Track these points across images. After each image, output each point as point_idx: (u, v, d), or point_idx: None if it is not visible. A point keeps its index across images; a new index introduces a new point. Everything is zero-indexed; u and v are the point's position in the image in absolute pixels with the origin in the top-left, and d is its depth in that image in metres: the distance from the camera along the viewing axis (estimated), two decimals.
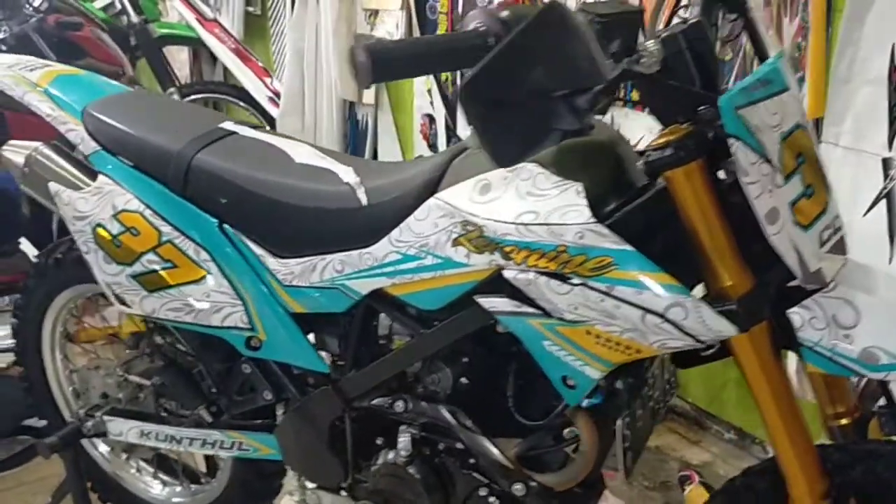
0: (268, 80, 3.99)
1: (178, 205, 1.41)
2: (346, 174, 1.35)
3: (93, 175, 1.50)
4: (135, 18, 3.97)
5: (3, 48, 2.66)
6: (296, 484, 1.57)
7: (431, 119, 3.23)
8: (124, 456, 2.03)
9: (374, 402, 1.39)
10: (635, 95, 2.47)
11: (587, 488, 1.32)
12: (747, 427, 2.40)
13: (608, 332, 1.05)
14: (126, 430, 1.72)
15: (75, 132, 1.49)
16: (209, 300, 1.41)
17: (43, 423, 2.33)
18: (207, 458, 2.02)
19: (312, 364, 1.41)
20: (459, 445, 1.33)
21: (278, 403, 1.49)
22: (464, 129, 3.01)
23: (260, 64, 4.04)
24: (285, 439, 1.49)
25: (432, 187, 1.22)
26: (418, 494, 1.36)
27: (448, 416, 1.32)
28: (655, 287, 1.00)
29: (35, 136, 2.73)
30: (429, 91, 3.18)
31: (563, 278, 1.06)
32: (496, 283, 1.15)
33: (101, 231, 1.44)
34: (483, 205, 1.13)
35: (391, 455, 1.38)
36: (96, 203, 1.44)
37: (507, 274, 1.12)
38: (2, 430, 2.24)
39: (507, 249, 1.10)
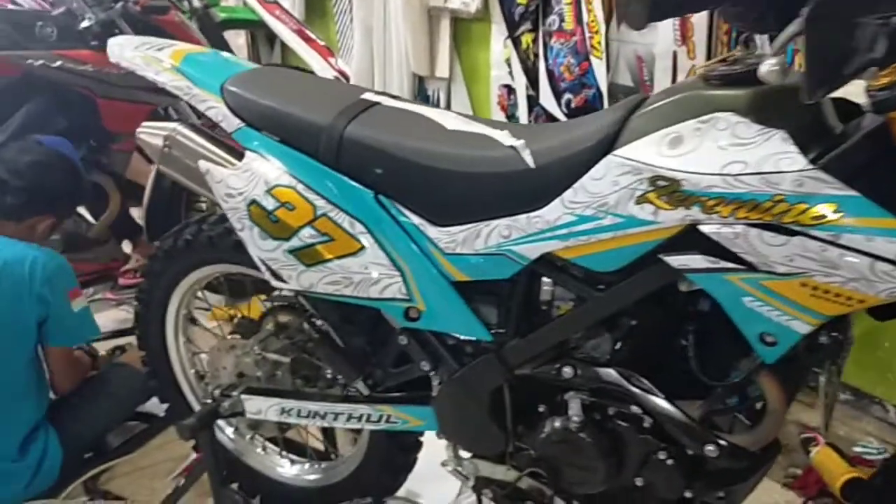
0: (332, 60, 3.95)
1: (331, 178, 1.39)
2: (505, 138, 1.33)
3: (237, 153, 1.49)
4: (197, 3, 3.94)
5: (89, 37, 2.66)
6: (449, 454, 1.55)
7: (510, 90, 3.18)
8: (249, 435, 2.04)
9: (539, 368, 1.37)
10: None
11: (765, 449, 1.29)
12: (865, 387, 2.35)
13: (827, 283, 1.02)
14: (265, 407, 1.72)
15: (216, 109, 1.48)
16: (367, 272, 1.39)
17: (160, 407, 2.37)
18: (325, 435, 2.02)
19: (475, 332, 1.39)
20: (634, 409, 1.31)
21: (434, 373, 1.48)
22: (546, 99, 2.97)
23: (323, 44, 4.01)
24: (443, 409, 1.48)
25: (608, 145, 1.19)
26: (592, 460, 1.34)
27: (623, 379, 1.30)
28: (887, 233, 0.97)
29: (128, 122, 2.76)
30: (507, 61, 3.14)
31: (777, 229, 1.02)
32: (686, 240, 1.12)
33: (255, 208, 1.42)
34: (677, 158, 1.10)
35: (558, 422, 1.36)
36: (248, 179, 1.43)
37: (706, 229, 1.09)
38: (117, 417, 2.26)
39: (711, 203, 1.06)
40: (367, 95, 1.49)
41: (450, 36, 3.33)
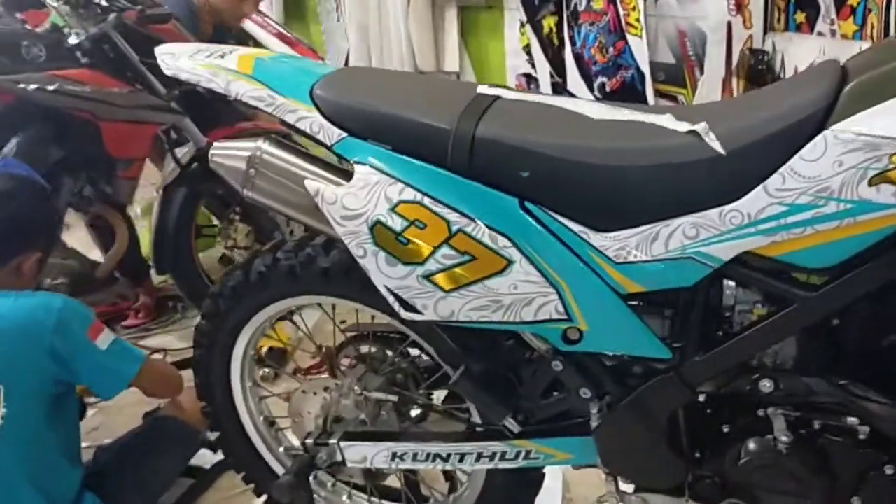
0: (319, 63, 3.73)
1: (464, 187, 1.19)
2: (674, 123, 1.14)
3: (339, 169, 1.28)
4: None
5: (80, 53, 2.38)
6: (609, 488, 1.37)
7: (529, 78, 3.00)
8: (330, 483, 1.82)
9: (729, 385, 1.19)
10: (800, 17, 2.29)
11: None
12: None
13: None
14: (372, 454, 1.51)
15: (310, 119, 1.26)
16: (517, 293, 1.20)
17: (205, 458, 2.13)
18: (408, 479, 1.82)
19: (651, 350, 1.20)
20: (849, 420, 1.14)
21: (594, 401, 1.29)
22: (576, 85, 2.80)
23: (308, 46, 3.77)
24: (608, 439, 1.29)
25: (819, 120, 1.02)
26: (803, 484, 1.17)
27: (835, 388, 1.13)
28: None
29: (133, 146, 2.50)
30: (525, 48, 2.96)
31: None
32: None
33: (380, 229, 1.21)
34: None
35: (756, 444, 1.19)
36: (367, 197, 1.22)
37: None
38: (172, 472, 2.01)
39: None
40: (482, 89, 1.29)
41: (457, 27, 3.13)
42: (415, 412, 1.58)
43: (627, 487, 1.36)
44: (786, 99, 1.08)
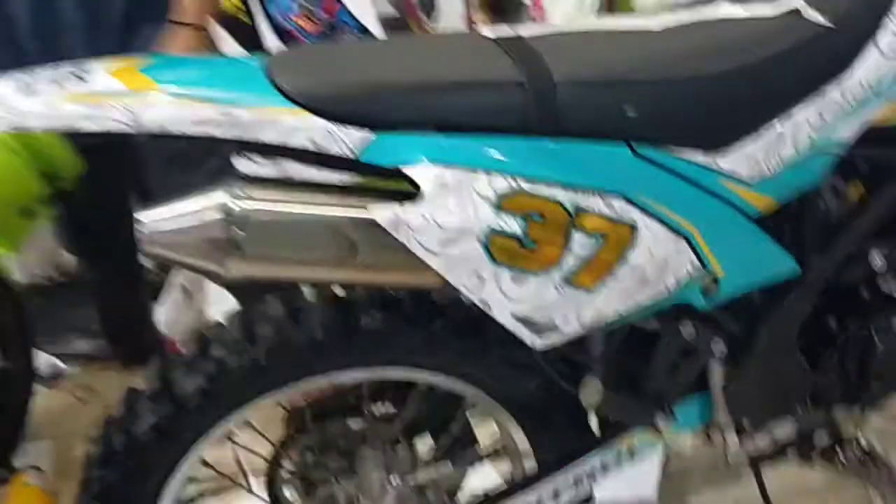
0: None
1: (556, 150, 0.90)
2: (756, 9, 1.00)
3: (349, 187, 0.88)
4: None
5: None
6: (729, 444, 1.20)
7: None
8: None
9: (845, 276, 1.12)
10: None
11: None
12: None
13: None
14: None
15: (305, 129, 0.83)
16: (655, 261, 0.96)
17: None
18: None
19: (786, 271, 1.07)
20: None
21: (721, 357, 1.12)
22: None
23: None
24: (743, 387, 1.13)
25: None
26: None
27: None
28: None
29: None
30: None
31: None
32: None
33: (499, 239, 0.86)
34: None
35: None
36: (459, 205, 0.85)
37: None
38: None
39: None
40: (498, 32, 0.99)
41: None
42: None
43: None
44: None
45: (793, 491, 1.51)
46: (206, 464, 1.13)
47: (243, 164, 0.86)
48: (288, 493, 1.23)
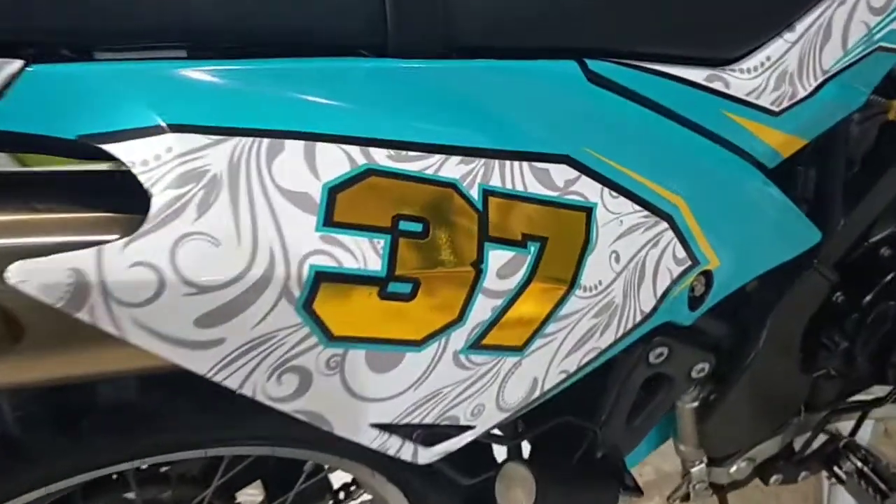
0: None
1: (444, 88, 0.46)
2: None
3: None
4: None
5: None
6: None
7: None
8: None
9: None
10: None
11: None
12: None
13: None
14: None
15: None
16: (621, 269, 0.55)
17: None
18: None
19: (805, 240, 0.70)
20: None
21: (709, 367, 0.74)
22: None
23: None
24: (749, 382, 0.77)
25: None
26: None
27: None
28: None
29: None
30: None
31: None
32: None
33: (331, 286, 0.42)
34: None
35: None
36: (235, 218, 0.39)
37: None
38: None
39: None
40: None
41: None
42: None
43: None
44: None
45: None
46: None
47: None
48: None
